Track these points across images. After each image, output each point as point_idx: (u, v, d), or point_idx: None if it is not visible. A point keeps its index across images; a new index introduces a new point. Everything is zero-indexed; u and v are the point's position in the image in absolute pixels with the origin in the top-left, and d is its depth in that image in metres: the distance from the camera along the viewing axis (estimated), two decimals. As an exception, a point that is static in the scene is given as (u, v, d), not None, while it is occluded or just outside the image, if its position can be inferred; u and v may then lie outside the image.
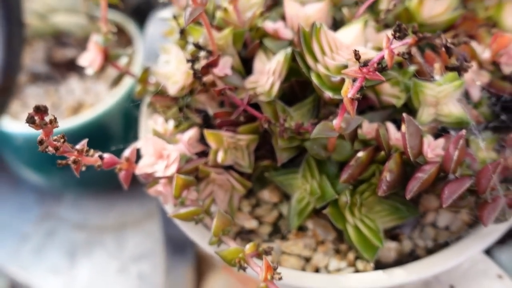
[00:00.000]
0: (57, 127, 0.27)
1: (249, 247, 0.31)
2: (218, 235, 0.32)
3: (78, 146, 0.31)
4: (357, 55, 0.26)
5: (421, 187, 0.30)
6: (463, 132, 0.29)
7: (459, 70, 0.28)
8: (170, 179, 0.34)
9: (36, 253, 0.65)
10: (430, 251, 0.35)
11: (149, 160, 0.35)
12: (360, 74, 0.27)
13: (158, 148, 0.35)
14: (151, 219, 0.67)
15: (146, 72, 0.42)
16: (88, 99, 0.61)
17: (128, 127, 0.61)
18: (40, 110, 0.25)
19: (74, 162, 0.30)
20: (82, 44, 0.64)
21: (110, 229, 0.66)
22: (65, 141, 0.29)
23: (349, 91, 0.28)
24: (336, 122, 0.31)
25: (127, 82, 0.59)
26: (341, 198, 0.33)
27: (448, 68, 0.28)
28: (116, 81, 0.43)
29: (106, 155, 0.33)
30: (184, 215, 0.33)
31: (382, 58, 0.26)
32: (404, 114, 0.30)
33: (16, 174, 0.67)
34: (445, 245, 0.35)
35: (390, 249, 0.35)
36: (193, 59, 0.34)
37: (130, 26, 0.66)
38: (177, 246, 0.60)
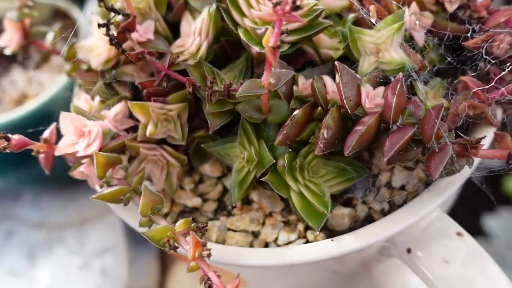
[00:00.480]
0: None
1: (179, 224, 0.28)
2: (146, 214, 0.29)
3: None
4: (270, -4, 0.23)
5: (360, 140, 0.27)
6: (400, 75, 0.26)
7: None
8: (92, 158, 0.31)
9: (-6, 256, 0.61)
10: (386, 214, 0.33)
11: (70, 139, 0.31)
12: (275, 17, 0.23)
13: (78, 125, 0.31)
14: (113, 212, 0.63)
15: (72, 48, 0.38)
16: (32, 90, 0.58)
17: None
18: None
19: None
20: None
21: (70, 225, 0.63)
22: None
23: (270, 40, 0.25)
24: (264, 78, 0.28)
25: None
26: (279, 163, 0.30)
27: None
28: (41, 62, 0.40)
29: (15, 137, 0.29)
30: (109, 195, 0.30)
31: (297, -6, 0.23)
32: (337, 62, 0.27)
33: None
34: (402, 206, 0.32)
35: (343, 215, 0.32)
36: (107, 24, 0.31)
37: (73, 10, 0.63)
38: (139, 237, 0.57)
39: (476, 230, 1.25)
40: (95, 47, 0.36)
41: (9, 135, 0.29)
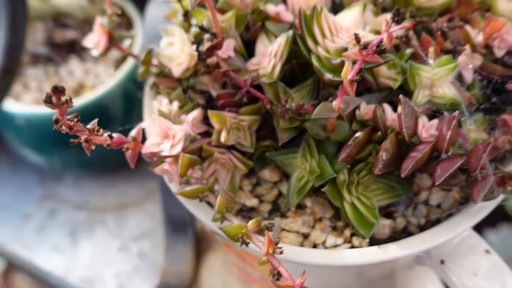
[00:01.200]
0: (72, 106, 0.28)
1: (251, 223, 0.32)
2: (221, 212, 0.34)
3: (89, 126, 0.32)
4: (357, 38, 0.27)
5: (415, 165, 0.31)
6: (456, 113, 0.30)
7: (454, 53, 0.29)
8: (175, 158, 0.36)
9: (38, 232, 0.66)
10: (422, 228, 0.37)
11: (155, 139, 0.36)
12: (360, 57, 0.28)
13: (164, 128, 0.36)
14: (151, 199, 0.68)
15: (150, 53, 0.42)
16: (89, 81, 0.62)
17: (128, 108, 0.62)
18: (58, 91, 0.27)
19: (86, 141, 0.31)
20: (82, 25, 0.64)
21: (110, 209, 0.68)
22: (78, 121, 0.30)
23: (348, 73, 0.30)
24: (335, 103, 0.32)
25: (127, 64, 0.60)
26: (339, 177, 0.34)
27: (443, 51, 0.30)
28: (120, 62, 0.44)
29: (115, 135, 0.34)
30: (190, 192, 0.35)
31: (381, 41, 0.27)
32: (401, 96, 0.31)
33: (17, 155, 0.68)
34: (437, 222, 0.37)
35: (384, 226, 0.37)
36: (198, 41, 0.35)
37: (129, 8, 0.67)
38: (177, 225, 0.62)
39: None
40: (175, 56, 0.40)
41: (111, 133, 0.33)
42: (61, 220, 0.67)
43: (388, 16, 0.36)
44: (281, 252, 0.30)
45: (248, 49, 0.39)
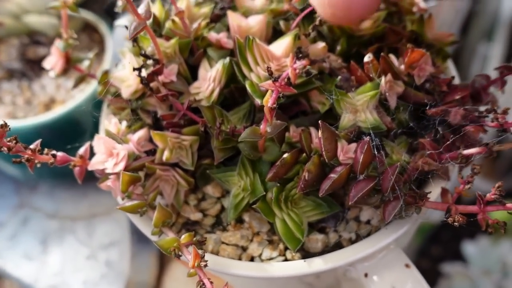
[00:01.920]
0: (8, 130, 0.31)
1: (184, 237, 0.35)
2: (158, 226, 0.36)
3: (32, 146, 0.35)
4: (269, 71, 0.30)
5: (333, 185, 0.34)
6: (368, 138, 0.33)
7: (343, 89, 0.32)
8: (118, 175, 0.38)
9: (11, 240, 0.69)
10: (353, 243, 0.40)
11: (100, 157, 0.39)
12: (273, 87, 0.31)
13: (109, 147, 0.39)
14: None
15: (105, 74, 0.45)
16: (59, 96, 0.65)
17: (97, 122, 0.64)
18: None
19: (28, 160, 0.34)
20: (53, 42, 0.67)
21: (81, 218, 0.70)
22: (17, 142, 0.32)
23: (269, 101, 0.32)
24: (262, 127, 0.35)
25: (95, 82, 0.62)
26: (268, 195, 0.37)
27: (336, 86, 0.32)
28: (78, 82, 0.47)
29: (60, 153, 0.37)
30: (130, 207, 0.37)
31: (292, 73, 0.30)
32: (320, 121, 0.34)
33: (-6, 166, 0.71)
34: (366, 237, 0.39)
35: (317, 240, 0.39)
36: (140, 68, 0.38)
37: (102, 26, 0.69)
38: (142, 235, 0.64)
39: (455, 254, 1.32)
40: (126, 78, 0.43)
41: (55, 152, 0.36)
42: (33, 228, 0.69)
43: (319, 45, 0.39)
44: (205, 265, 0.33)
45: (194, 74, 0.42)
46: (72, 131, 0.64)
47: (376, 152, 0.35)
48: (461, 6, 0.73)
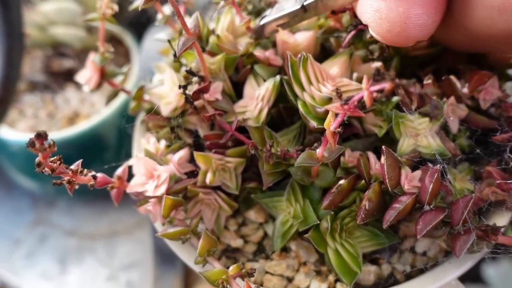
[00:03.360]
0: (55, 151, 0.29)
1: (232, 269, 0.32)
2: (203, 255, 0.34)
3: (72, 167, 0.32)
4: (338, 93, 0.28)
5: (397, 217, 0.31)
6: (438, 166, 0.30)
7: (430, 117, 0.29)
8: (159, 198, 0.36)
9: (28, 258, 0.66)
10: (408, 276, 0.37)
11: (140, 179, 0.36)
12: (341, 111, 0.28)
13: (149, 168, 0.36)
14: (142, 228, 0.68)
15: (141, 90, 0.43)
16: (84, 109, 0.63)
17: (121, 138, 0.62)
18: (41, 136, 0.27)
19: (69, 182, 0.31)
20: (79, 55, 0.65)
21: (101, 237, 0.67)
22: (61, 163, 0.30)
23: (331, 124, 0.30)
24: (319, 151, 0.32)
25: (122, 95, 0.60)
26: (322, 224, 0.34)
27: (420, 113, 0.30)
28: (111, 98, 0.45)
29: (99, 175, 0.34)
30: (172, 234, 0.35)
31: (362, 97, 0.27)
32: (384, 147, 0.31)
33: (11, 180, 0.68)
34: (423, 270, 0.36)
35: (369, 272, 0.37)
36: (185, 85, 0.36)
37: (127, 38, 0.68)
38: (166, 256, 0.61)
39: (476, 277, 1.28)
40: (165, 95, 0.40)
41: (95, 173, 0.34)
42: (51, 246, 0.67)
43: (373, 64, 0.37)
44: (259, 302, 0.30)
45: (237, 90, 0.40)
46: (97, 146, 0.62)
47: (441, 181, 0.32)
48: None
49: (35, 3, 0.61)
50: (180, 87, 0.35)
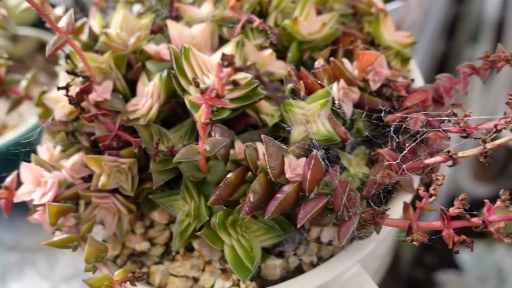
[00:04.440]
0: None
1: (117, 274, 0.31)
2: (90, 262, 0.32)
3: None
4: (195, 82, 0.26)
5: (280, 207, 0.30)
6: (315, 152, 0.29)
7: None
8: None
9: (-34, 277, 0.64)
10: (315, 266, 0.36)
11: (28, 187, 0.35)
12: (203, 101, 0.27)
13: (36, 175, 0.35)
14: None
15: (43, 95, 0.42)
16: (12, 120, 0.61)
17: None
18: None
19: None
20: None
21: (42, 250, 0.66)
22: None
23: (202, 116, 0.29)
24: (199, 145, 0.31)
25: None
26: (212, 220, 0.33)
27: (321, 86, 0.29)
28: (13, 106, 0.43)
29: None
30: (59, 242, 0.33)
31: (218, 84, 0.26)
32: (263, 135, 0.30)
33: None
34: (328, 260, 0.35)
35: (275, 266, 0.35)
36: (66, 86, 0.34)
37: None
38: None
39: (450, 263, 1.28)
40: (60, 99, 0.39)
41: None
42: (-9, 263, 0.65)
43: (266, 52, 0.36)
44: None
45: (133, 89, 0.39)
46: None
47: (329, 167, 0.31)
48: (430, 7, 0.70)
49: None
50: (58, 88, 0.34)
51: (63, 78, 0.39)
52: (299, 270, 0.36)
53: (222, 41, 0.40)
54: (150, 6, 0.42)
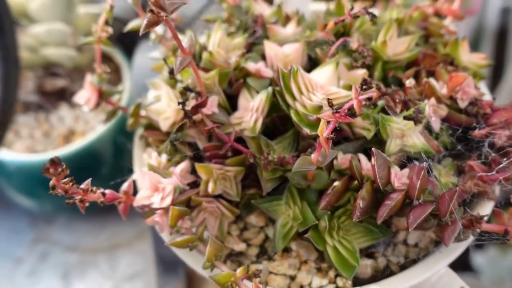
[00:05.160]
0: (67, 174, 0.30)
1: (239, 271, 0.34)
2: (211, 260, 0.36)
3: (83, 186, 0.34)
4: (330, 103, 0.30)
5: (389, 212, 0.34)
6: (424, 164, 0.33)
7: (415, 121, 0.32)
8: (165, 209, 0.38)
9: (30, 276, 0.67)
10: (402, 267, 0.39)
11: (146, 193, 0.38)
12: (333, 118, 0.31)
13: (154, 181, 0.38)
14: (143, 239, 0.69)
15: (138, 107, 0.45)
16: (79, 127, 0.64)
17: (117, 154, 0.64)
18: (54, 162, 0.29)
19: (81, 201, 0.33)
20: (71, 74, 0.66)
21: (102, 250, 0.69)
22: (74, 184, 0.32)
23: (324, 131, 0.32)
24: (314, 156, 0.35)
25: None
26: (321, 223, 0.37)
27: (405, 118, 0.33)
28: (111, 116, 0.47)
29: (107, 191, 0.36)
30: (180, 243, 0.37)
31: (352, 105, 0.30)
32: (373, 148, 0.34)
33: (9, 200, 0.69)
34: (415, 260, 0.39)
35: (366, 266, 0.39)
36: (184, 101, 0.38)
37: (117, 55, 0.69)
38: (168, 265, 0.63)
39: (465, 266, 1.32)
40: (162, 111, 0.42)
41: (104, 191, 0.35)
42: (53, 263, 0.68)
43: (358, 71, 0.40)
44: (268, 299, 0.32)
45: (231, 103, 0.42)
46: (93, 163, 0.63)
47: (428, 176, 0.35)
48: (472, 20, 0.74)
49: (26, 26, 0.63)
50: (179, 103, 0.37)
51: (166, 92, 0.42)
52: (386, 270, 0.40)
53: (310, 60, 0.44)
54: (239, 26, 0.46)
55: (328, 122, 0.32)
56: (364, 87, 0.28)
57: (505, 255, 1.24)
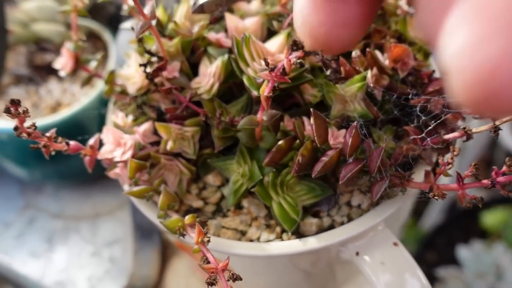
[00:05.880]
0: (28, 116, 0.34)
1: (187, 218, 0.38)
2: (164, 209, 0.39)
3: (47, 134, 0.38)
4: (266, 63, 0.33)
5: (324, 167, 0.37)
6: (355, 123, 0.36)
7: (333, 80, 0.35)
8: (126, 163, 0.41)
9: (18, 239, 0.71)
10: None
11: (109, 147, 0.42)
12: (270, 77, 0.34)
13: (117, 137, 0.42)
14: (124, 209, 0.73)
15: (112, 74, 0.48)
16: (65, 99, 0.68)
17: (101, 125, 0.67)
18: (15, 103, 0.32)
19: (44, 146, 0.36)
20: (60, 49, 0.70)
21: (85, 218, 0.73)
22: (36, 129, 0.35)
23: (265, 90, 0.35)
24: (258, 115, 0.38)
25: (100, 85, 0.66)
26: (265, 179, 0.40)
27: (326, 78, 0.36)
28: (86, 82, 0.50)
29: (72, 142, 0.40)
30: (137, 192, 0.40)
31: (284, 65, 0.33)
32: (312, 109, 0.37)
33: (1, 168, 0.73)
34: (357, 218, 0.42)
35: (312, 224, 0.42)
36: (145, 64, 0.41)
37: (105, 34, 0.73)
38: (144, 231, 0.67)
39: (450, 259, 1.34)
40: (131, 76, 0.46)
41: (68, 141, 0.39)
42: (39, 228, 0.72)
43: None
44: (208, 241, 0.36)
45: (194, 71, 0.45)
46: (78, 132, 0.67)
47: (364, 139, 0.38)
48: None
49: (18, 2, 0.67)
50: (140, 65, 0.41)
51: (136, 59, 0.46)
52: (331, 228, 0.43)
53: (269, 33, 0.47)
54: (207, 1, 0.49)
55: (268, 82, 0.35)
56: (294, 48, 0.31)
57: (489, 250, 1.26)
